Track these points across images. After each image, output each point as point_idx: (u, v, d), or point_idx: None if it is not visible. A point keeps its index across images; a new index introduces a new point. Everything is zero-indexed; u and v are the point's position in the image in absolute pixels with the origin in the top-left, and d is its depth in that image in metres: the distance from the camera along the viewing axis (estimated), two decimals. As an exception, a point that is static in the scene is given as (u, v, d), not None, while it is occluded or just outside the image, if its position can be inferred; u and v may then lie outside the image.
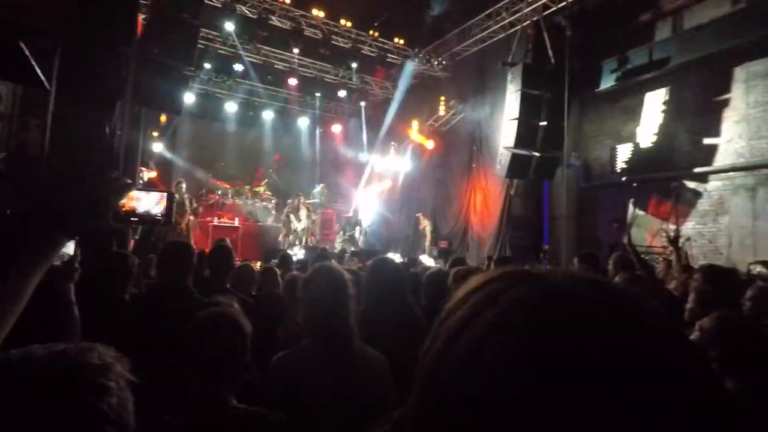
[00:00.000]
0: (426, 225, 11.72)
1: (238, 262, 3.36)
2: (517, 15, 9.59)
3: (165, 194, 0.96)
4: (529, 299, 0.32)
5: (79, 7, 5.27)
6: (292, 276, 2.64)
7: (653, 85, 8.60)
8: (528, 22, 9.32)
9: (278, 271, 3.19)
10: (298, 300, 1.65)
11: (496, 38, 10.31)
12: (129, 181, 0.76)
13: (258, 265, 4.50)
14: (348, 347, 1.46)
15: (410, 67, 11.70)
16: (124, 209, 0.87)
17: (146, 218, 0.94)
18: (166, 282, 2.05)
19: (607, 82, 9.05)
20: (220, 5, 9.65)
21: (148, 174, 9.84)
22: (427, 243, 11.49)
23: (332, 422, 1.30)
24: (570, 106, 8.64)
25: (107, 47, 5.56)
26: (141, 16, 7.34)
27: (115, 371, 0.59)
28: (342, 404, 1.32)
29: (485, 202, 10.74)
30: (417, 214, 12.18)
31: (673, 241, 3.78)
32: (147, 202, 0.93)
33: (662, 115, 8.60)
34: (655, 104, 8.71)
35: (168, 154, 11.88)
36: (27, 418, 0.51)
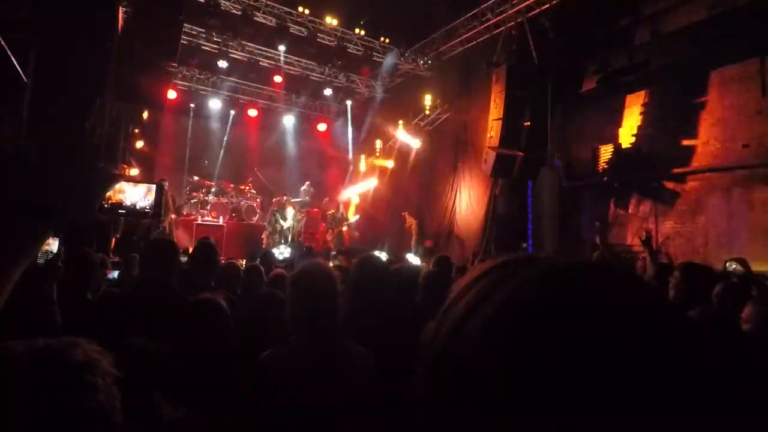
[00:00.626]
0: (412, 224, 11.76)
1: (223, 261, 3.33)
2: (501, 16, 9.68)
3: (153, 186, 0.95)
4: (541, 276, 0.33)
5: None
6: (276, 273, 2.62)
7: (633, 87, 8.79)
8: (512, 23, 9.42)
9: (262, 269, 3.17)
10: (284, 298, 1.65)
11: (481, 39, 10.40)
12: (116, 172, 0.75)
13: (243, 263, 4.47)
14: (334, 345, 1.46)
15: (390, 60, 11.70)
16: (110, 201, 0.85)
17: (134, 211, 0.93)
18: (149, 279, 2.02)
19: (589, 84, 9.21)
20: (203, 1, 9.52)
21: (129, 171, 9.65)
22: (413, 241, 11.54)
23: (319, 418, 1.31)
24: (553, 107, 8.77)
25: (86, 41, 5.44)
26: (122, 10, 7.20)
27: (101, 367, 0.58)
28: (328, 400, 1.33)
29: (470, 201, 10.83)
30: (403, 213, 12.21)
31: (645, 241, 3.92)
32: (134, 195, 0.92)
33: (642, 117, 8.80)
34: (635, 106, 8.91)
35: (150, 152, 11.67)
36: (13, 419, 0.50)
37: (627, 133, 8.95)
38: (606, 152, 8.98)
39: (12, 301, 0.68)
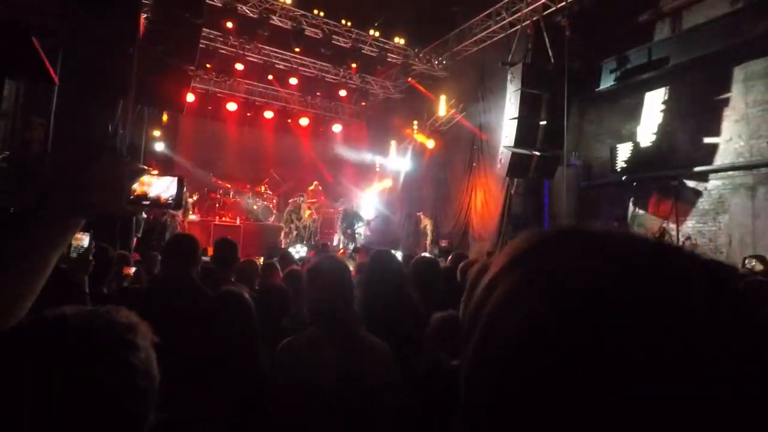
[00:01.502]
0: (427, 224, 11.75)
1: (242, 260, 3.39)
2: (516, 15, 9.63)
3: (176, 179, 0.99)
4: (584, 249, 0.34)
5: (82, 6, 5.31)
6: (292, 269, 2.67)
7: (653, 84, 8.63)
8: (528, 22, 9.36)
9: (278, 266, 3.23)
10: (300, 291, 1.69)
11: (496, 38, 10.36)
12: (142, 165, 0.80)
13: (261, 261, 4.54)
14: (351, 333, 1.49)
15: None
16: (135, 193, 0.90)
17: (157, 202, 0.97)
18: (171, 273, 2.08)
19: (606, 82, 9.08)
20: (221, 5, 9.69)
21: (151, 172, 9.86)
22: (428, 242, 11.53)
23: (336, 405, 1.34)
24: (570, 106, 8.67)
25: (111, 46, 5.60)
26: (143, 16, 7.38)
27: (141, 330, 0.63)
28: (346, 388, 1.35)
29: (486, 201, 10.77)
30: (418, 213, 12.21)
31: (659, 238, 3.83)
32: (158, 187, 0.96)
33: (662, 114, 8.62)
34: (654, 103, 8.74)
35: (170, 154, 11.91)
36: (67, 371, 0.55)
37: (646, 130, 8.79)
38: (625, 151, 8.83)
39: (47, 291, 0.73)
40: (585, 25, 8.83)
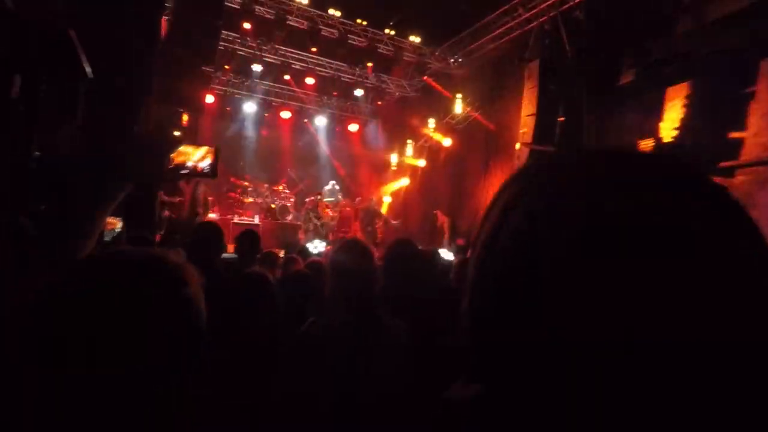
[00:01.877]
0: (444, 221, 11.72)
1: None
2: (533, 11, 9.53)
3: (212, 149, 1.03)
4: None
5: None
6: (313, 260, 2.71)
7: (675, 78, 8.44)
8: (545, 17, 9.25)
9: (299, 258, 3.28)
10: (321, 279, 1.71)
11: (513, 35, 10.27)
12: (179, 136, 0.84)
13: (281, 253, 4.61)
14: (373, 315, 1.51)
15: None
16: (174, 163, 0.94)
17: (194, 171, 1.01)
18: (195, 262, 2.13)
19: (627, 76, 8.92)
20: (238, 6, 9.84)
21: (170, 173, 10.07)
22: (446, 240, 11.50)
23: (358, 388, 1.36)
24: (589, 102, 8.55)
25: (133, 50, 5.74)
26: (165, 18, 7.54)
27: (189, 269, 0.68)
28: (367, 370, 1.37)
29: (503, 199, 10.68)
30: (434, 211, 12.19)
31: None
32: (195, 157, 1.00)
33: (685, 109, 8.43)
34: (677, 98, 8.54)
35: (189, 154, 12.11)
36: (130, 302, 0.60)
37: (669, 126, 8.59)
38: (646, 147, 8.66)
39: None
40: (603, 19, 8.69)
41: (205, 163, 1.01)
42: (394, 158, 14.13)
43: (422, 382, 1.49)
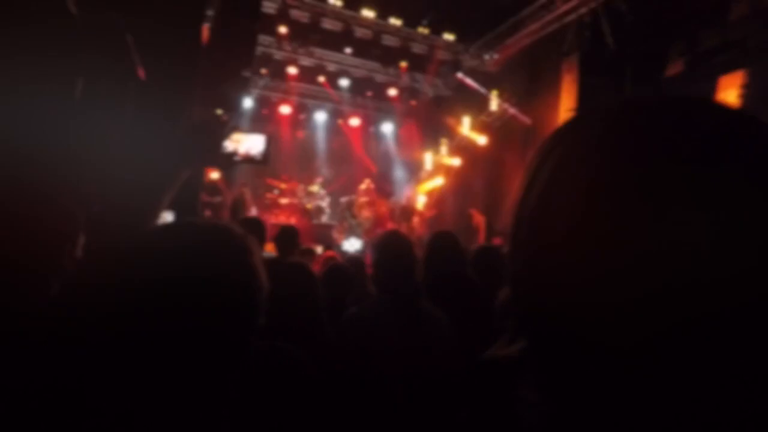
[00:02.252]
0: (480, 220, 11.56)
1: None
2: (572, 3, 9.24)
3: (264, 136, 1.06)
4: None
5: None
6: (352, 255, 2.74)
7: (728, 67, 7.96)
8: (584, 10, 8.96)
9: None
10: (362, 272, 1.72)
11: (550, 29, 9.99)
12: (234, 123, 0.88)
13: (320, 249, 4.68)
14: (415, 304, 1.51)
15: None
16: (228, 150, 0.98)
17: (247, 157, 1.05)
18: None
19: (674, 68, 8.49)
20: (274, 12, 10.08)
21: (211, 175, 10.45)
22: (481, 239, 11.33)
23: (401, 374, 1.35)
24: (633, 94, 8.20)
25: (177, 57, 5.98)
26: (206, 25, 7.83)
27: (252, 240, 0.71)
28: (410, 357, 1.37)
29: (541, 197, 10.41)
30: (470, 211, 12.03)
31: None
32: (247, 143, 1.03)
33: (740, 100, 7.94)
34: (731, 89, 8.06)
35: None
36: (204, 261, 0.63)
37: (721, 118, 8.13)
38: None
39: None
40: (648, 8, 8.31)
41: (257, 150, 1.04)
42: (428, 158, 14.06)
43: (462, 367, 1.47)
